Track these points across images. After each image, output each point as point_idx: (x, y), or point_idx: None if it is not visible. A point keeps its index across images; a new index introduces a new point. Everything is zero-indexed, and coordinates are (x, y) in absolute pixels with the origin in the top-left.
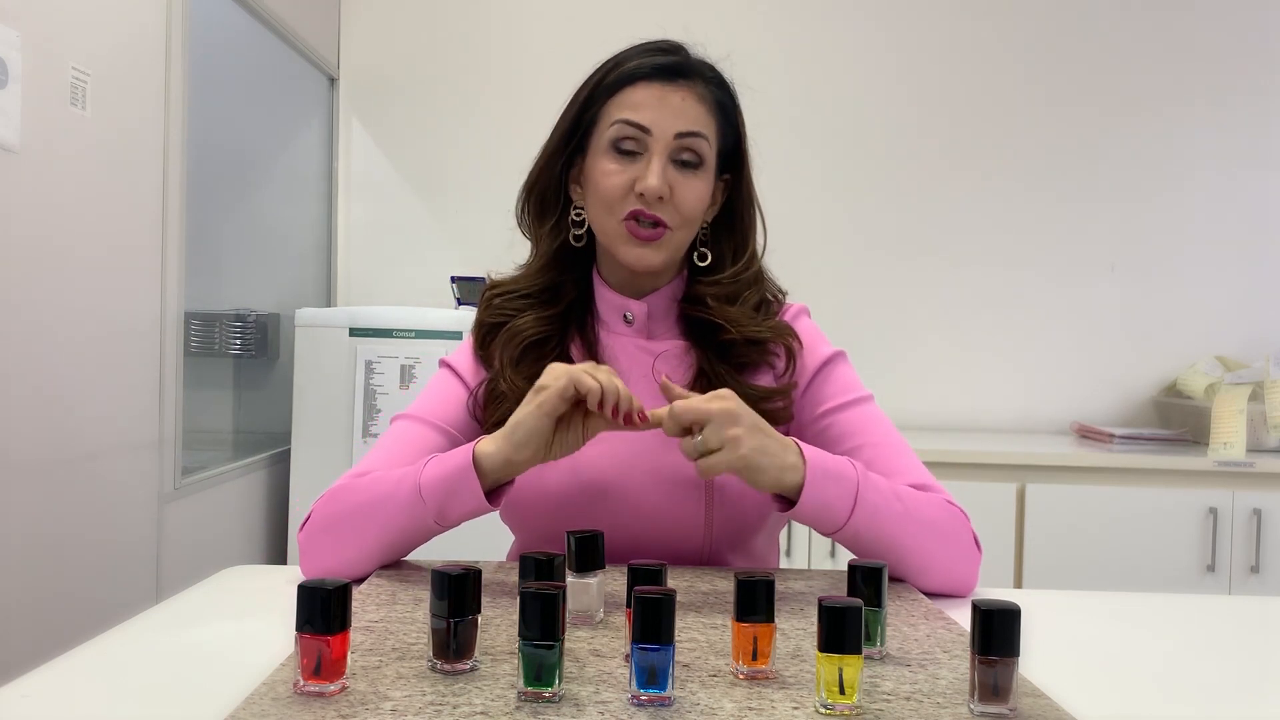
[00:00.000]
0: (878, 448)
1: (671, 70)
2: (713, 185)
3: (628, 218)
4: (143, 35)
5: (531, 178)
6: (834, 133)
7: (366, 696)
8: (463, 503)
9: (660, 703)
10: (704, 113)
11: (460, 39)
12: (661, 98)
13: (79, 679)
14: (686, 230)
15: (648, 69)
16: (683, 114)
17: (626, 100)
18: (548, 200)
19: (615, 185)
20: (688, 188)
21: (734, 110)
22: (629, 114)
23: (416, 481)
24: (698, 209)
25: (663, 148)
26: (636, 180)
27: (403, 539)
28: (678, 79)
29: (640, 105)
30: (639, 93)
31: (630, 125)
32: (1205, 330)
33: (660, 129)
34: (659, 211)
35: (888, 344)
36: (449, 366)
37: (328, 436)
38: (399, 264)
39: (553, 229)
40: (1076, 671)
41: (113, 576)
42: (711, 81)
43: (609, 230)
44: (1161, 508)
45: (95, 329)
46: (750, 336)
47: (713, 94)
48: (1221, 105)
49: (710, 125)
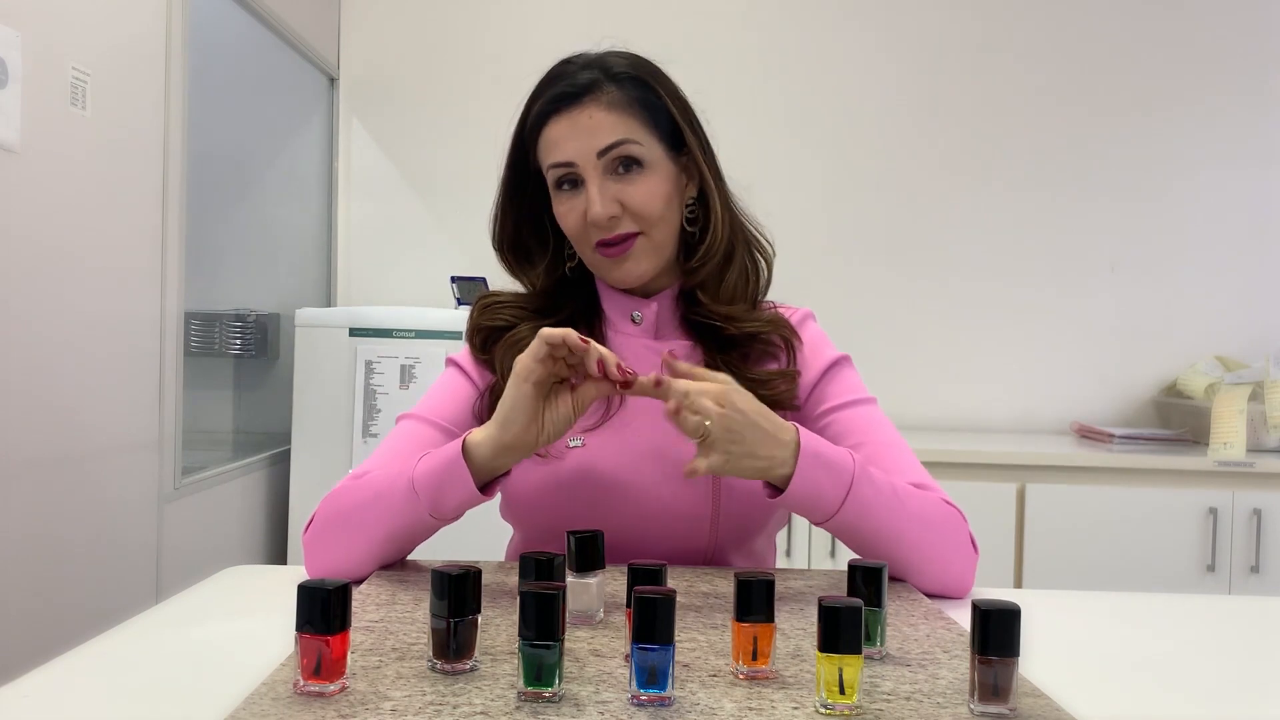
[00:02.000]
0: (877, 447)
1: (569, 96)
2: (670, 171)
3: (596, 246)
4: (143, 35)
5: (496, 234)
6: (834, 134)
7: (366, 696)
8: (455, 494)
9: (660, 703)
10: (619, 118)
11: (460, 39)
12: (572, 125)
13: (79, 679)
14: (660, 228)
15: (549, 104)
16: (596, 132)
17: (546, 142)
18: (530, 246)
19: (573, 222)
20: (634, 191)
21: (656, 96)
22: (552, 156)
23: (410, 477)
24: (655, 207)
25: (593, 171)
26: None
27: (402, 535)
28: (580, 99)
29: (557, 142)
30: (552, 130)
31: (558, 167)
32: (1205, 330)
33: (582, 155)
34: (617, 229)
35: (888, 344)
36: (456, 365)
37: (328, 436)
38: (399, 264)
39: (547, 269)
40: (1076, 671)
41: (113, 576)
42: (615, 80)
43: (590, 261)
44: (1161, 508)
45: (95, 329)
46: (748, 331)
47: (623, 93)
48: (1221, 105)
49: (632, 125)
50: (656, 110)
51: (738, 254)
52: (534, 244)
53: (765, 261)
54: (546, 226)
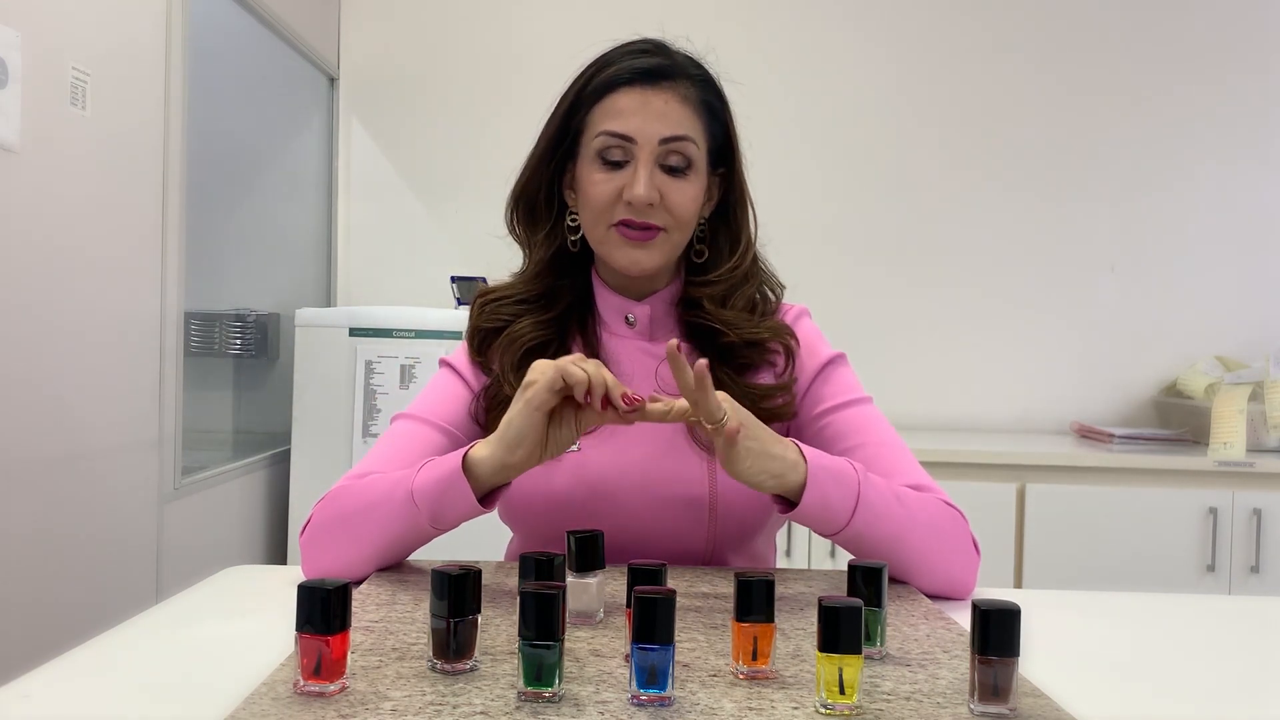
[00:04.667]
0: (875, 448)
1: (653, 73)
2: (705, 185)
3: (618, 224)
4: (143, 35)
5: (519, 185)
6: (833, 133)
7: (366, 696)
8: (455, 507)
9: (660, 703)
10: (689, 114)
11: (460, 39)
12: (644, 103)
13: (79, 679)
14: (682, 233)
15: (629, 74)
16: (666, 118)
17: (610, 108)
18: (538, 208)
19: (603, 194)
20: (678, 192)
21: (721, 107)
22: (612, 124)
23: (410, 488)
24: (690, 211)
25: (648, 155)
26: (624, 189)
27: (400, 543)
28: (660, 81)
29: (623, 113)
30: (621, 99)
31: (614, 136)
32: (1205, 330)
33: (645, 136)
34: (650, 218)
35: (888, 344)
36: (449, 366)
37: (328, 436)
38: (399, 264)
39: (547, 236)
40: (1076, 671)
41: (113, 576)
42: (695, 79)
43: (600, 237)
44: (1161, 508)
45: (95, 329)
46: (748, 338)
47: (698, 93)
48: (1221, 105)
49: (696, 126)
50: (717, 122)
51: (752, 281)
52: (543, 207)
53: (775, 297)
54: (556, 194)
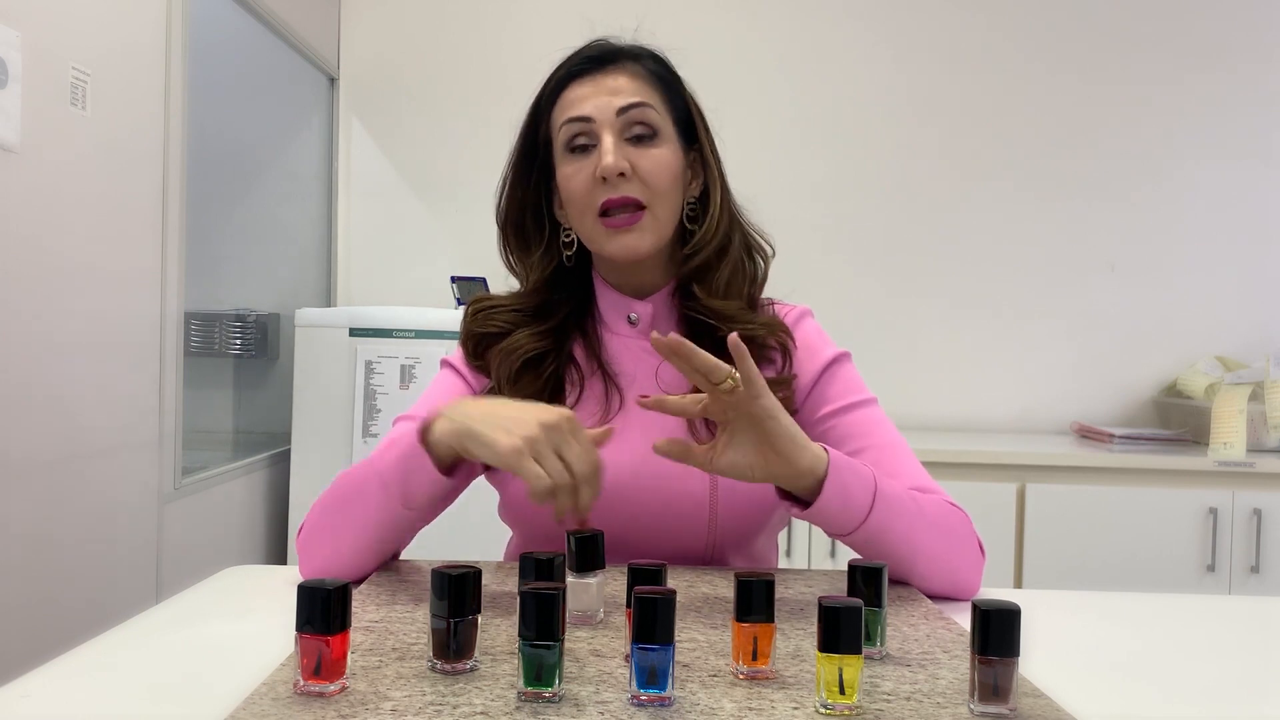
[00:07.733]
0: (881, 450)
1: (601, 59)
2: (680, 155)
3: (601, 213)
4: (143, 35)
5: (501, 212)
6: (833, 134)
7: (366, 696)
8: (419, 483)
9: (660, 703)
10: (642, 85)
11: (460, 39)
12: (596, 85)
13: (79, 679)
14: (664, 205)
15: (579, 64)
16: (619, 92)
17: (566, 101)
18: (528, 230)
19: (580, 183)
20: (647, 159)
21: (676, 80)
22: (570, 112)
23: (379, 469)
24: (665, 177)
25: (609, 127)
26: (596, 168)
27: (383, 530)
28: (608, 65)
29: (578, 100)
30: (575, 90)
31: (575, 121)
32: (1205, 330)
33: (602, 112)
34: (626, 191)
35: (888, 344)
36: (451, 366)
37: (328, 436)
38: (399, 264)
39: (542, 256)
40: (1076, 671)
41: (113, 576)
42: (644, 57)
43: (589, 232)
44: (1161, 508)
45: (95, 329)
46: (744, 335)
47: (648, 68)
48: (1221, 104)
49: (653, 94)
50: (675, 95)
51: (734, 247)
52: (533, 228)
53: (763, 259)
54: (544, 214)
